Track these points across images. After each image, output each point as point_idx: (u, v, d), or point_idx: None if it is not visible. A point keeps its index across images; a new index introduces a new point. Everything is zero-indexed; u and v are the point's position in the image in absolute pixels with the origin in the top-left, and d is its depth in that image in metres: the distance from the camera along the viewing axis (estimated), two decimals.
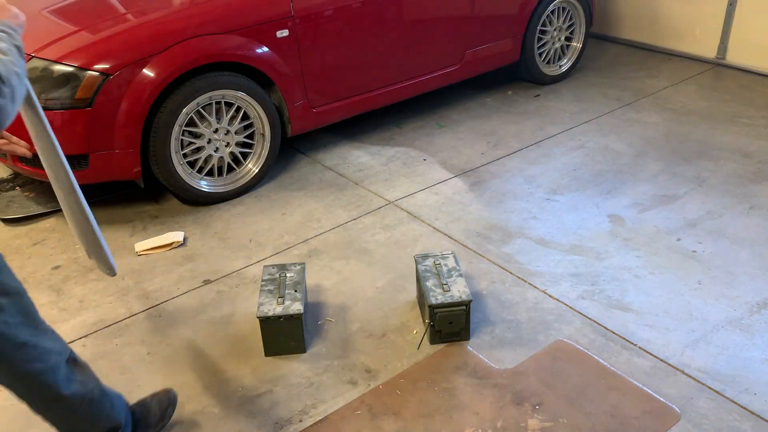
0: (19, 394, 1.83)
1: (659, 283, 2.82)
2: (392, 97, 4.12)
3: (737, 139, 3.97)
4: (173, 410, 2.27)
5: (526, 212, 3.36)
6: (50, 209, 3.53)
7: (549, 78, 4.83)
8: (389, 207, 3.46)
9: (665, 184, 3.55)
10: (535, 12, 4.49)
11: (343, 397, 2.34)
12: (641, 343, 2.50)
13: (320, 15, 3.59)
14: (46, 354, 1.79)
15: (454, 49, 4.25)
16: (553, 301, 2.74)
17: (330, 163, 3.91)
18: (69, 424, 1.94)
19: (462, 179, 3.68)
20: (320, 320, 2.70)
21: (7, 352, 1.71)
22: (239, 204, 3.55)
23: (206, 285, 2.95)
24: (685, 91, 4.65)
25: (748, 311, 2.64)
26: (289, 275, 2.64)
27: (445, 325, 2.49)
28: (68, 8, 3.68)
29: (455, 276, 2.59)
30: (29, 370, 1.76)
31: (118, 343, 2.64)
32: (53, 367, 1.81)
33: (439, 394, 2.32)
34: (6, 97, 1.39)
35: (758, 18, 4.75)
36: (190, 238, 3.29)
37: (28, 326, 1.74)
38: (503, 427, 2.19)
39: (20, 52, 1.53)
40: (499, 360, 2.46)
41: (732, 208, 3.30)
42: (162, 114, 3.22)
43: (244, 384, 2.41)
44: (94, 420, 1.97)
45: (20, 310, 1.72)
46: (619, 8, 5.53)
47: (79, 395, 1.89)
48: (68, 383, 1.87)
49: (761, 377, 2.33)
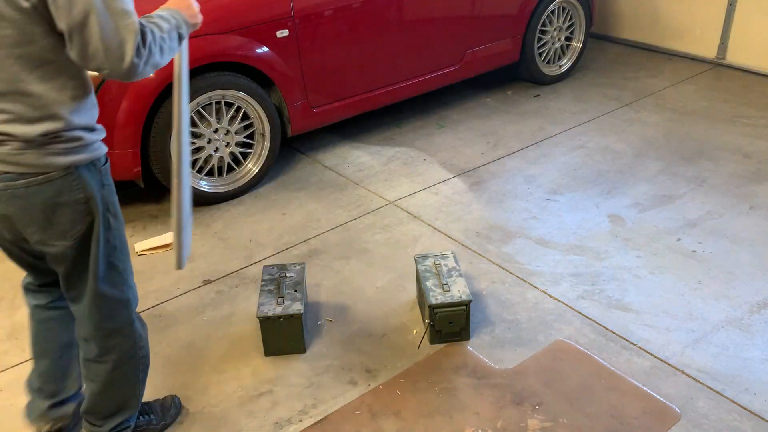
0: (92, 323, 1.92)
1: (659, 283, 2.82)
2: (392, 97, 4.12)
3: (737, 139, 3.97)
4: (177, 413, 2.28)
5: (526, 212, 3.36)
6: None
7: (549, 78, 4.83)
8: (389, 207, 3.46)
9: (665, 184, 3.55)
10: (535, 12, 4.49)
11: (343, 397, 2.34)
12: (641, 343, 2.50)
13: (320, 15, 3.59)
14: (128, 289, 1.95)
15: (454, 49, 4.25)
16: (553, 301, 2.74)
17: (330, 163, 3.91)
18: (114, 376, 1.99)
19: (462, 179, 3.68)
20: (320, 320, 2.70)
21: (100, 269, 1.84)
22: (239, 204, 3.55)
23: (206, 285, 2.95)
24: (685, 91, 4.65)
25: (748, 311, 2.65)
26: (289, 275, 2.64)
27: (445, 325, 2.49)
28: None
29: (455, 276, 2.59)
30: (113, 294, 1.90)
31: None
32: (129, 303, 1.97)
33: (439, 394, 2.32)
34: (141, 58, 1.58)
35: (758, 18, 4.75)
36: None
37: (123, 254, 1.91)
38: (503, 427, 2.19)
39: (179, 39, 1.73)
40: (499, 360, 2.46)
41: (732, 208, 3.30)
42: (162, 114, 3.22)
43: (244, 384, 2.41)
44: (134, 384, 2.05)
45: (122, 237, 1.89)
46: (619, 8, 5.53)
47: (143, 347, 2.04)
48: (140, 325, 2.04)
49: (761, 377, 2.33)
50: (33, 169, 1.66)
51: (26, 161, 1.65)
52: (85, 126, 1.72)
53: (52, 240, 1.76)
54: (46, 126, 1.63)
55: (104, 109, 3.11)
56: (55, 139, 1.65)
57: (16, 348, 2.63)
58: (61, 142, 1.67)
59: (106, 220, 1.81)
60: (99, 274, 1.84)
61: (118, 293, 1.91)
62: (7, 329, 2.74)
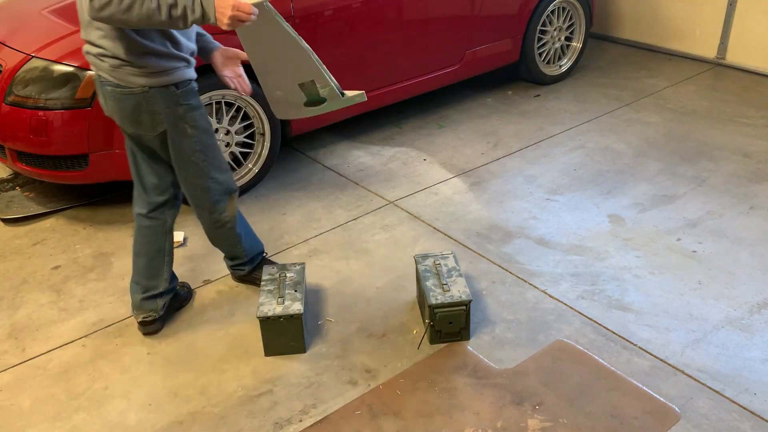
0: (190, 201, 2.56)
1: (659, 283, 2.82)
2: (392, 97, 4.12)
3: (737, 139, 3.97)
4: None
5: (526, 212, 3.36)
6: (50, 209, 3.53)
7: (549, 78, 4.83)
8: (389, 207, 3.46)
9: (665, 184, 3.55)
10: (535, 12, 4.49)
11: (343, 397, 2.34)
12: (641, 343, 2.50)
13: (320, 15, 3.59)
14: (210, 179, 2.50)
15: (454, 49, 4.25)
16: (553, 301, 2.74)
17: (330, 163, 3.91)
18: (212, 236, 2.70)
19: (462, 179, 3.68)
20: (320, 320, 2.70)
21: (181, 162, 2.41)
22: (239, 204, 3.53)
23: (206, 285, 2.95)
24: (685, 91, 4.65)
25: (748, 311, 2.65)
26: (289, 275, 2.64)
27: (445, 325, 2.49)
28: (68, 8, 3.68)
29: (455, 276, 2.58)
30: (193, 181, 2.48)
31: (118, 343, 2.64)
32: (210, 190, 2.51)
33: (439, 394, 2.32)
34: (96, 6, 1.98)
35: (758, 18, 4.75)
36: (190, 238, 3.29)
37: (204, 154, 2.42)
38: (503, 427, 2.19)
39: (170, 13, 1.99)
40: (499, 360, 2.46)
41: (732, 208, 3.30)
42: None
43: (244, 384, 2.42)
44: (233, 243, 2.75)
45: (202, 141, 2.40)
46: (619, 8, 5.53)
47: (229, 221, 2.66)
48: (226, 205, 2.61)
49: (761, 377, 2.33)
50: (122, 83, 2.21)
51: (117, 76, 2.20)
52: (154, 54, 2.17)
53: (141, 132, 2.33)
54: (122, 50, 2.14)
55: None
56: (128, 63, 2.17)
57: (16, 348, 2.63)
58: (134, 67, 2.18)
59: (181, 129, 2.32)
60: (179, 163, 2.40)
61: (195, 180, 2.45)
62: (7, 329, 2.74)
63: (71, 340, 2.66)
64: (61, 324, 2.75)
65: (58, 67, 3.11)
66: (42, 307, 2.85)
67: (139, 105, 2.25)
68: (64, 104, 3.09)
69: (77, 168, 3.24)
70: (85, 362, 2.54)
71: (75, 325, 2.74)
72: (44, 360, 2.56)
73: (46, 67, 3.13)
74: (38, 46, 3.23)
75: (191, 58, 2.32)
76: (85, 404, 2.36)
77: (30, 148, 3.20)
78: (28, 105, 3.11)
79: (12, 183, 3.80)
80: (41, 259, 3.17)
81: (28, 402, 2.38)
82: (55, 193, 3.66)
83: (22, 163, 3.29)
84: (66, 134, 3.12)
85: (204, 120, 2.38)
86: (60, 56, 3.14)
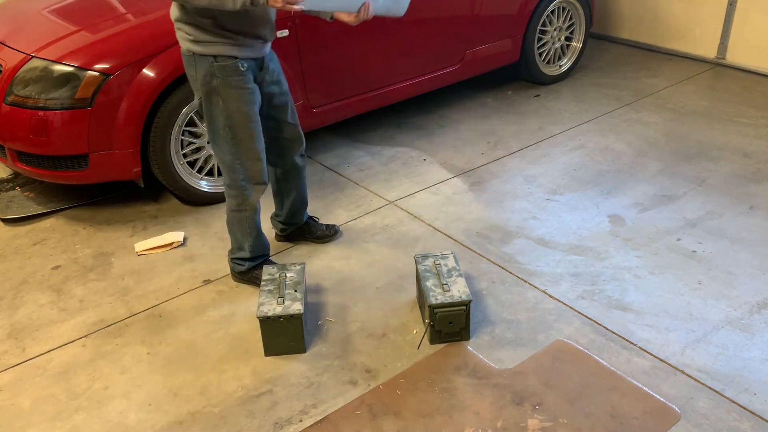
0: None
1: (659, 283, 2.82)
2: (392, 97, 4.12)
3: (737, 139, 3.97)
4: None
5: (526, 212, 3.36)
6: (50, 209, 3.53)
7: (549, 78, 4.83)
8: (389, 207, 3.46)
9: (665, 184, 3.55)
10: (535, 12, 4.49)
11: (343, 397, 2.34)
12: (641, 343, 2.50)
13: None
14: (234, 158, 2.64)
15: (454, 49, 4.25)
16: (553, 301, 2.74)
17: (330, 163, 3.91)
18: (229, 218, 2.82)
19: (462, 179, 3.68)
20: (320, 320, 2.70)
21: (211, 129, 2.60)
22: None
23: (206, 285, 2.95)
24: (685, 91, 4.65)
25: (748, 311, 2.65)
26: (289, 275, 2.64)
27: (445, 325, 2.49)
28: (68, 8, 3.68)
29: (455, 276, 2.58)
30: (219, 154, 2.66)
31: (118, 343, 2.64)
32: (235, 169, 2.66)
33: (439, 394, 2.32)
34: None
35: (758, 18, 4.75)
36: (190, 238, 3.29)
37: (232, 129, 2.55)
38: (503, 427, 2.19)
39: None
40: (499, 360, 2.46)
41: (732, 208, 3.30)
42: (162, 114, 3.22)
43: (244, 384, 2.42)
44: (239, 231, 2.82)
45: (231, 117, 2.54)
46: (619, 8, 5.53)
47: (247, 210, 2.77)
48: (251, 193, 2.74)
49: (761, 377, 2.33)
50: (182, 46, 2.48)
51: (178, 38, 2.48)
52: (194, 24, 2.39)
53: (195, 92, 2.57)
54: (176, 15, 2.43)
55: (105, 109, 3.13)
56: (179, 28, 2.45)
57: (16, 348, 2.63)
58: (183, 32, 2.44)
59: (214, 101, 2.50)
60: (210, 133, 2.59)
61: (223, 156, 2.62)
62: (7, 329, 2.74)
63: (71, 340, 2.66)
64: (61, 324, 2.75)
65: (58, 67, 3.11)
66: (42, 307, 2.85)
67: (188, 66, 2.52)
68: (64, 104, 3.09)
69: (77, 168, 3.24)
70: (84, 362, 2.54)
71: (75, 325, 2.74)
72: (44, 360, 2.56)
73: (46, 67, 3.13)
74: (38, 46, 3.23)
75: (244, 38, 2.45)
76: (84, 404, 2.36)
77: (30, 148, 3.20)
78: (28, 105, 3.12)
79: (12, 183, 3.80)
80: (41, 259, 3.17)
81: (28, 402, 2.38)
82: (55, 193, 3.66)
83: (22, 163, 3.29)
84: (66, 134, 3.12)
85: (242, 102, 2.50)
86: (60, 56, 3.14)
